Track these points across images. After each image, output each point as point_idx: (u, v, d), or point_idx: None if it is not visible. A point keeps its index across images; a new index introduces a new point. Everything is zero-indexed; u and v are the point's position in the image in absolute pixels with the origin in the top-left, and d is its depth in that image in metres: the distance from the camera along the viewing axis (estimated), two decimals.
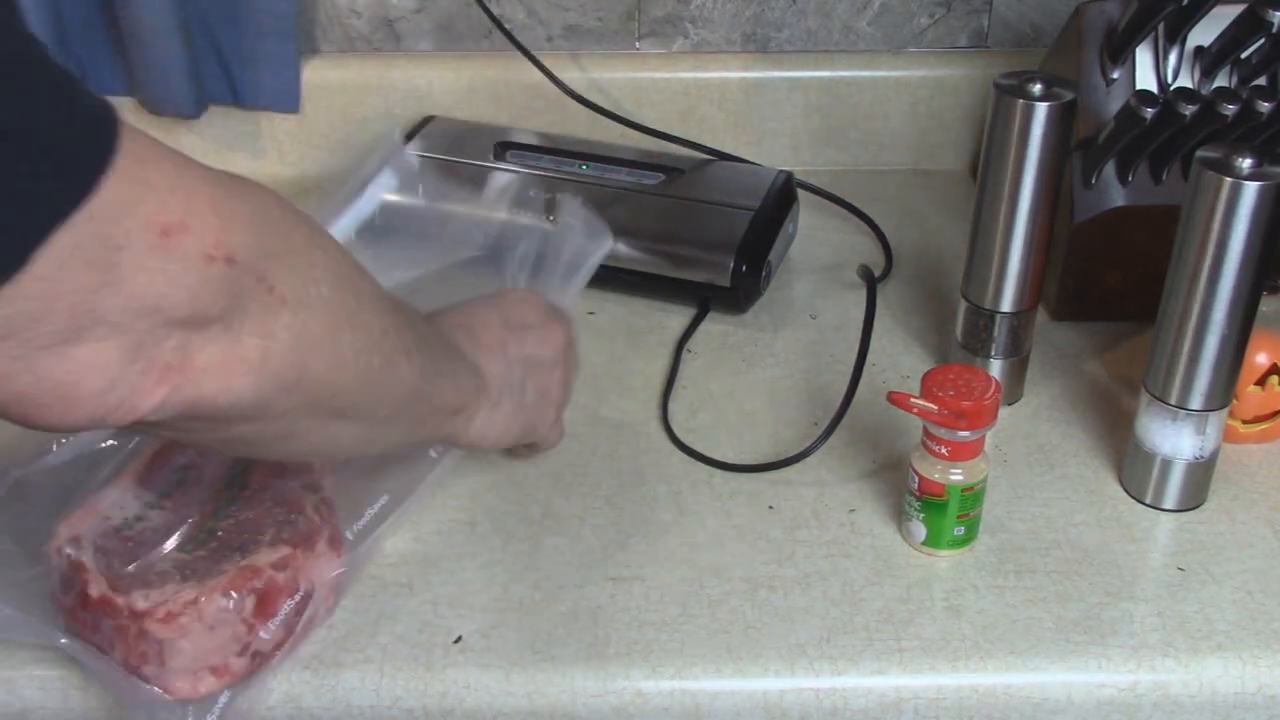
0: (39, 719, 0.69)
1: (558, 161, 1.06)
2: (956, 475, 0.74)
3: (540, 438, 0.78)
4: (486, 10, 1.08)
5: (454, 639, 0.71)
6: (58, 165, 0.43)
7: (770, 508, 0.80)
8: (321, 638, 0.70)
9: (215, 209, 0.47)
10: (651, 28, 1.17)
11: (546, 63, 1.09)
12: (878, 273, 1.01)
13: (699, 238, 0.99)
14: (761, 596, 0.74)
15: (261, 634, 0.67)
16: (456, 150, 1.07)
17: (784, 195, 1.03)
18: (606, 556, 0.76)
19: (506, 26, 1.09)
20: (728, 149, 1.17)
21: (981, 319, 0.87)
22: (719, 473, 0.82)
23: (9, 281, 0.42)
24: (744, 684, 0.69)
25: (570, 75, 1.11)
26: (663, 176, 1.04)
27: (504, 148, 1.07)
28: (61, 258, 0.43)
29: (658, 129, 1.14)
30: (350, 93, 1.14)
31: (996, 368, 0.88)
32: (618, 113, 1.12)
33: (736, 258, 0.97)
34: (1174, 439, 0.78)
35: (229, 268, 0.48)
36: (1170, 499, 0.80)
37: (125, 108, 1.12)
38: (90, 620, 0.66)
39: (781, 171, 1.05)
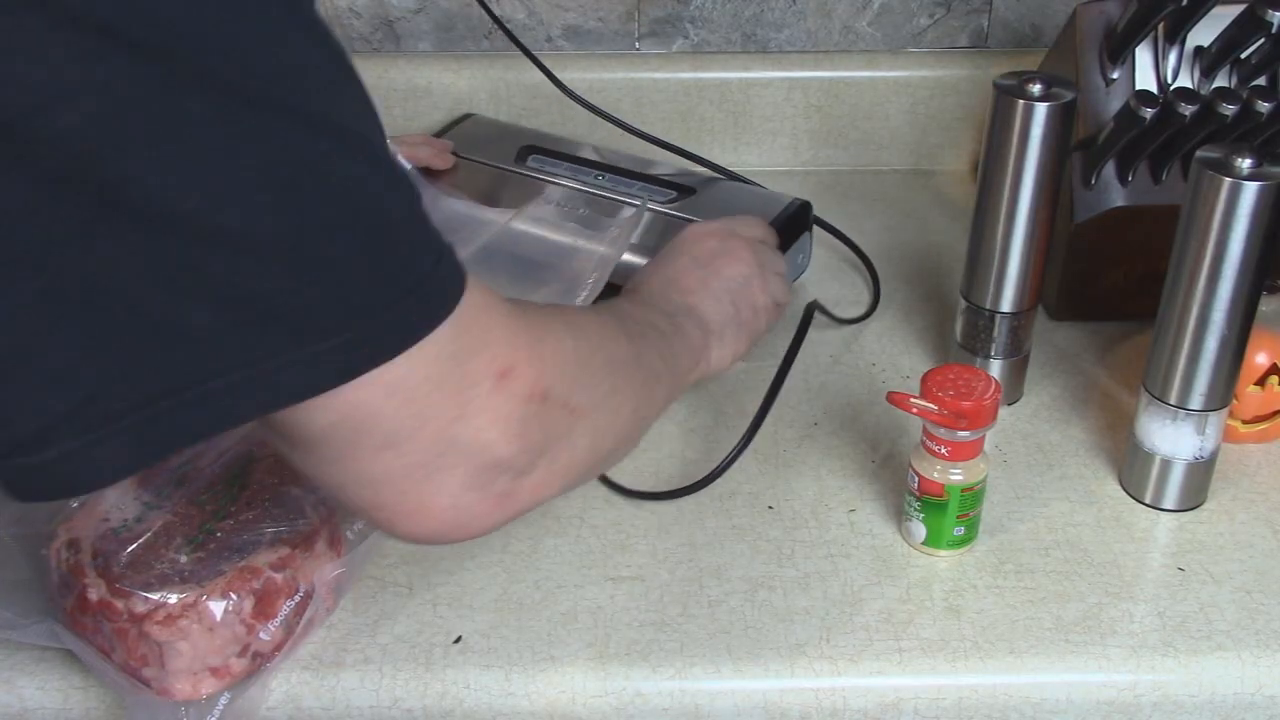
0: (39, 719, 0.69)
1: (575, 170, 1.05)
2: (956, 475, 0.74)
3: (764, 334, 0.85)
4: (487, 10, 1.08)
5: (454, 639, 0.71)
6: (424, 300, 0.51)
7: (770, 508, 0.80)
8: (321, 638, 0.70)
9: (531, 356, 0.56)
10: (651, 28, 1.17)
11: (546, 63, 1.08)
12: (864, 310, 1.00)
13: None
14: (761, 596, 0.74)
15: (261, 635, 0.67)
16: (479, 151, 1.07)
17: (794, 223, 1.01)
18: (606, 556, 0.76)
19: (506, 26, 1.09)
20: (727, 150, 1.17)
21: (981, 319, 0.87)
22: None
23: (397, 393, 0.51)
24: (744, 684, 0.69)
25: (570, 75, 1.11)
26: (674, 194, 1.03)
27: (527, 151, 1.07)
28: (432, 381, 0.52)
29: (657, 130, 1.14)
30: None
31: (996, 368, 0.88)
32: (617, 114, 1.12)
33: None
34: (1174, 439, 0.78)
35: (544, 405, 0.57)
36: (1170, 499, 0.80)
37: None
38: (90, 623, 0.66)
39: (796, 199, 1.02)
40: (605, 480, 0.82)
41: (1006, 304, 0.85)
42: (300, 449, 0.54)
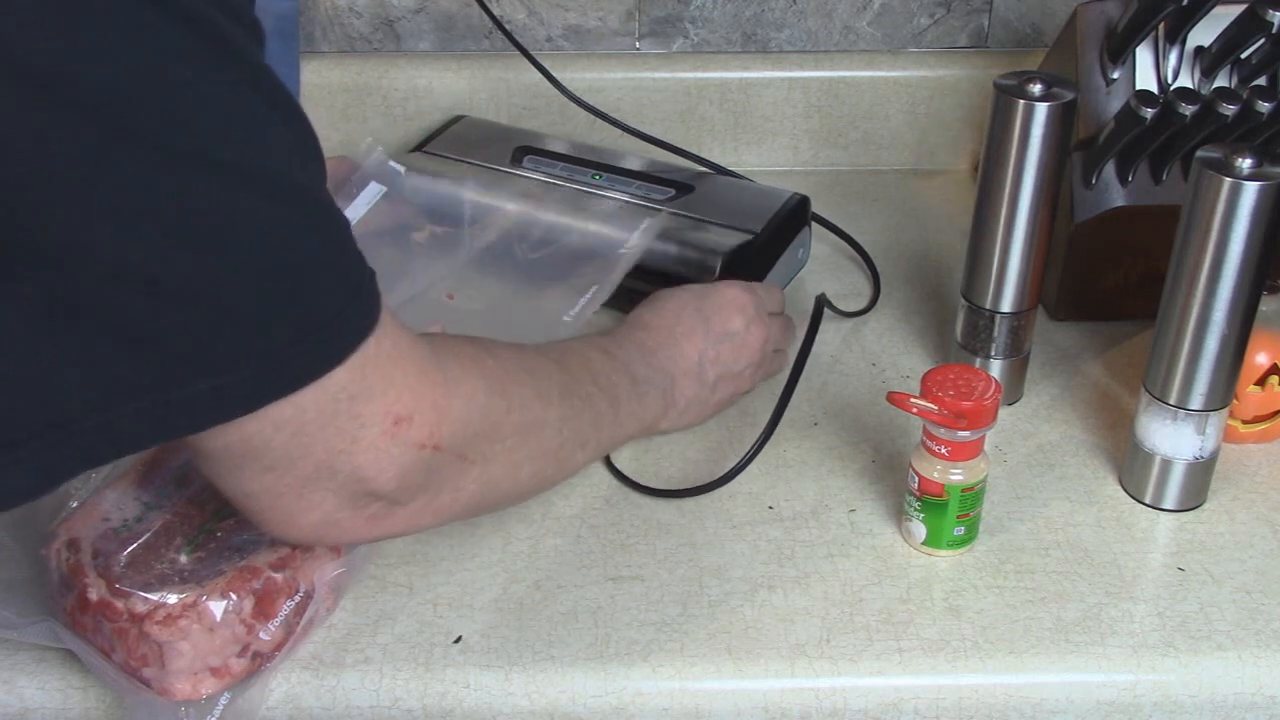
0: (39, 719, 0.69)
1: (571, 170, 1.05)
2: (956, 475, 0.74)
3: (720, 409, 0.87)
4: (487, 10, 1.08)
5: (454, 639, 0.71)
6: (324, 342, 0.54)
7: (770, 508, 0.80)
8: (321, 638, 0.70)
9: (435, 406, 0.58)
10: (651, 28, 1.17)
11: (546, 63, 1.09)
12: (865, 303, 1.00)
13: (693, 258, 0.96)
14: (761, 596, 0.74)
15: (261, 634, 0.67)
16: (473, 153, 1.07)
17: (793, 219, 1.01)
18: (606, 556, 0.76)
19: (506, 26, 1.09)
20: (728, 150, 1.17)
21: (981, 319, 0.87)
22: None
23: (288, 426, 0.54)
24: (744, 684, 0.69)
25: (570, 75, 1.11)
26: (672, 192, 1.02)
27: (523, 152, 1.07)
28: (325, 417, 0.54)
29: (657, 130, 1.14)
30: (350, 93, 1.14)
31: (996, 368, 0.88)
32: (616, 114, 1.12)
33: (724, 279, 0.93)
34: (1174, 439, 0.78)
35: (435, 454, 0.59)
36: (1170, 499, 0.80)
37: None
38: (90, 623, 0.66)
39: (795, 194, 1.02)
40: (619, 475, 0.82)
41: (1006, 304, 0.85)
42: (195, 456, 0.57)
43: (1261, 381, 0.84)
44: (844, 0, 1.16)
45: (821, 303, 0.90)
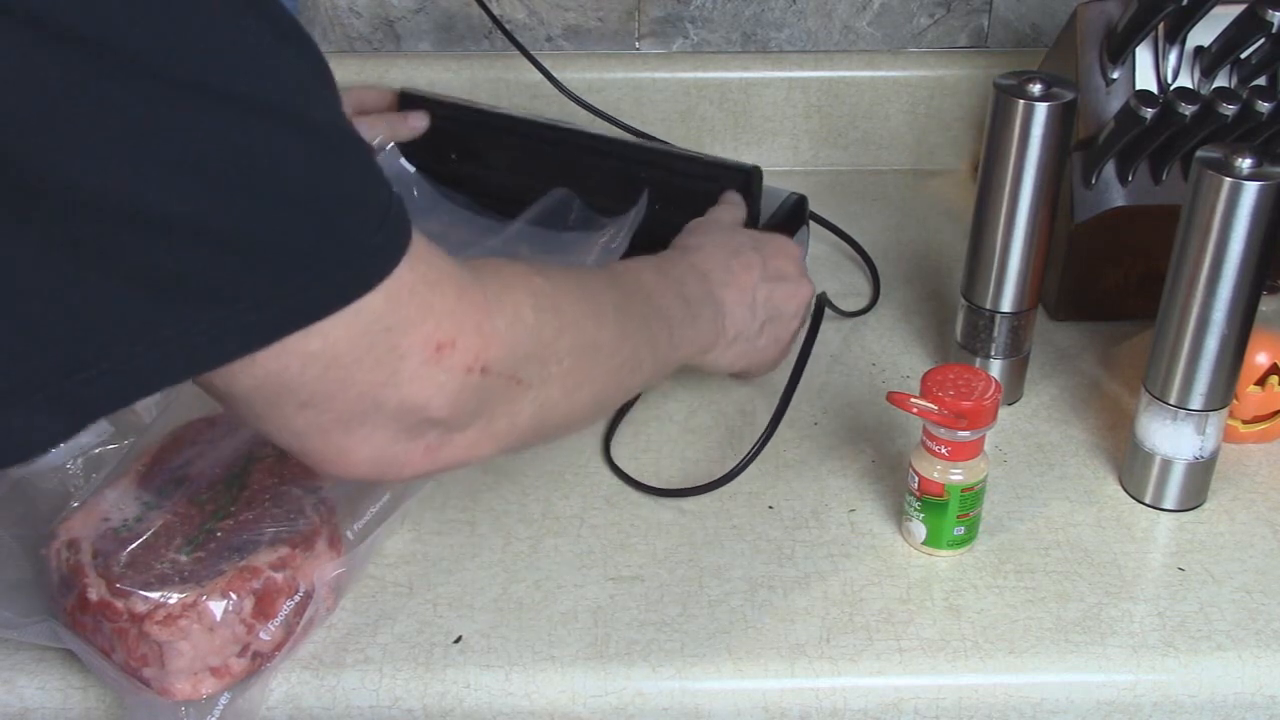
0: (39, 719, 0.69)
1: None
2: (956, 475, 0.74)
3: (757, 375, 0.86)
4: (487, 10, 1.08)
5: (454, 639, 0.71)
6: (352, 269, 0.51)
7: (770, 508, 0.80)
8: (321, 638, 0.70)
9: (478, 329, 0.56)
10: (651, 28, 1.17)
11: (546, 63, 1.09)
12: (865, 303, 1.00)
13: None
14: (761, 596, 0.74)
15: (261, 634, 0.67)
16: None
17: (791, 218, 1.00)
18: (606, 556, 0.76)
19: (506, 26, 1.09)
20: (727, 150, 1.17)
21: (981, 319, 0.87)
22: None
23: (318, 360, 0.52)
24: (744, 684, 0.69)
25: (570, 75, 1.11)
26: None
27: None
28: (359, 350, 0.52)
29: (658, 130, 1.14)
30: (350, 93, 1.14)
31: (996, 368, 0.88)
32: (616, 114, 1.12)
33: None
34: (1174, 439, 0.78)
35: (484, 377, 0.57)
36: (1170, 499, 0.80)
37: None
38: (90, 623, 0.66)
39: (793, 193, 1.02)
40: (619, 474, 0.82)
41: (1006, 304, 0.85)
42: (227, 403, 0.55)
43: (1261, 381, 0.84)
44: (844, 0, 1.16)
45: (822, 302, 0.90)
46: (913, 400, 0.73)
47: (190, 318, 0.49)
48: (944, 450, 0.74)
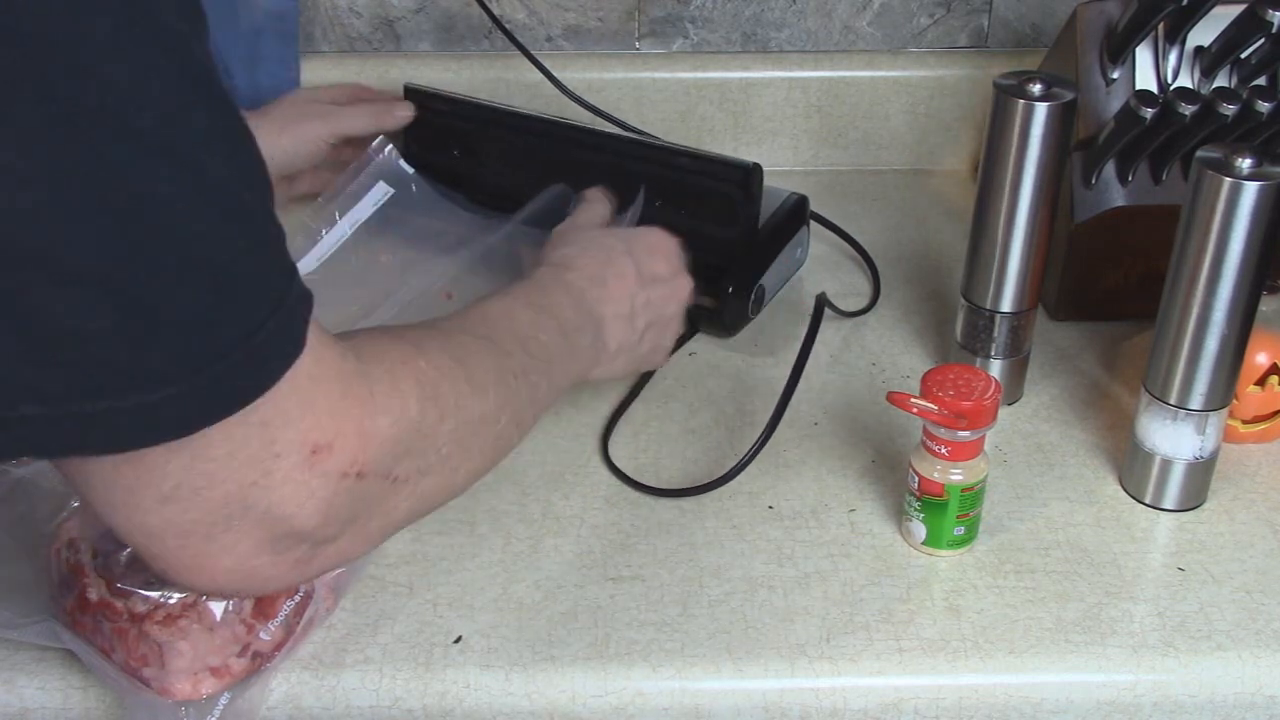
0: (39, 719, 0.69)
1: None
2: (956, 475, 0.74)
3: (643, 369, 0.84)
4: (487, 10, 1.08)
5: (454, 639, 0.71)
6: (252, 357, 0.48)
7: (770, 508, 0.80)
8: (321, 638, 0.70)
9: (359, 430, 0.52)
10: (651, 28, 1.17)
11: (546, 63, 1.09)
12: (865, 303, 1.00)
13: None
14: (761, 596, 0.74)
15: (261, 634, 0.67)
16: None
17: (791, 218, 1.01)
18: (606, 556, 0.76)
19: (506, 26, 1.09)
20: (727, 149, 1.17)
21: (981, 319, 0.87)
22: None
23: (185, 450, 0.47)
24: (744, 684, 0.69)
25: (570, 75, 1.11)
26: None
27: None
28: (233, 444, 0.48)
29: (658, 130, 1.14)
30: None
31: (996, 368, 0.88)
32: (617, 114, 1.12)
33: (723, 280, 0.94)
34: (1174, 439, 0.78)
35: (359, 481, 0.53)
36: (1170, 499, 0.80)
37: None
38: (90, 622, 0.66)
39: (793, 194, 1.02)
40: (619, 474, 0.82)
41: (1006, 304, 0.85)
42: (77, 485, 0.50)
43: (1261, 381, 0.84)
44: (844, 0, 1.16)
45: (822, 302, 0.90)
46: (913, 400, 0.73)
47: (80, 392, 0.45)
48: (944, 450, 0.74)
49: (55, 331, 0.44)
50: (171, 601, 0.65)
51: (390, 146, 1.02)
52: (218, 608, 0.65)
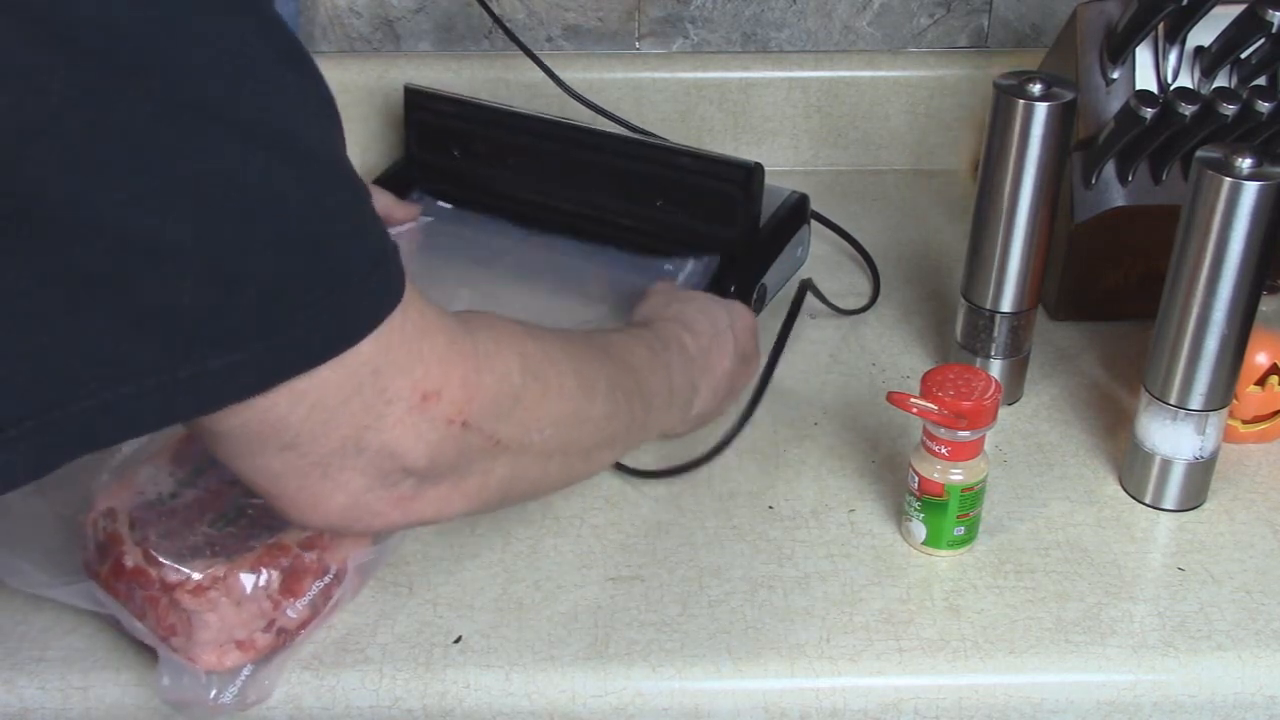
0: (39, 719, 0.69)
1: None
2: (956, 475, 0.74)
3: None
4: (487, 10, 1.08)
5: (454, 639, 0.71)
6: (345, 315, 0.51)
7: (770, 508, 0.80)
8: (321, 638, 0.70)
9: (464, 383, 0.56)
10: (651, 28, 1.17)
11: (546, 62, 1.09)
12: (865, 301, 1.00)
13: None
14: (761, 596, 0.74)
15: (288, 612, 0.68)
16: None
17: (792, 217, 1.01)
18: (606, 556, 0.76)
19: (507, 26, 1.09)
20: (727, 149, 1.17)
21: (981, 319, 0.87)
22: (711, 470, 0.83)
23: (305, 401, 0.51)
24: (744, 684, 0.69)
25: (570, 75, 1.11)
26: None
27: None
28: (346, 391, 0.52)
29: (658, 130, 1.14)
30: (350, 93, 1.14)
31: (996, 368, 0.88)
32: (616, 114, 1.12)
33: (725, 279, 0.94)
34: (1174, 439, 0.78)
35: (464, 430, 0.56)
36: (1170, 499, 0.80)
37: None
38: (124, 589, 0.68)
39: (794, 192, 1.02)
40: (620, 467, 0.82)
41: (1006, 304, 0.86)
42: (205, 438, 0.53)
43: (1261, 381, 0.84)
44: (844, 0, 1.16)
45: (805, 287, 0.90)
46: (913, 400, 0.73)
47: (182, 358, 0.47)
48: (944, 450, 0.74)
49: (155, 307, 0.46)
50: (202, 574, 0.66)
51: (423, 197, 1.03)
52: (248, 582, 0.67)
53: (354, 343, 0.51)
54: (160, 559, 0.66)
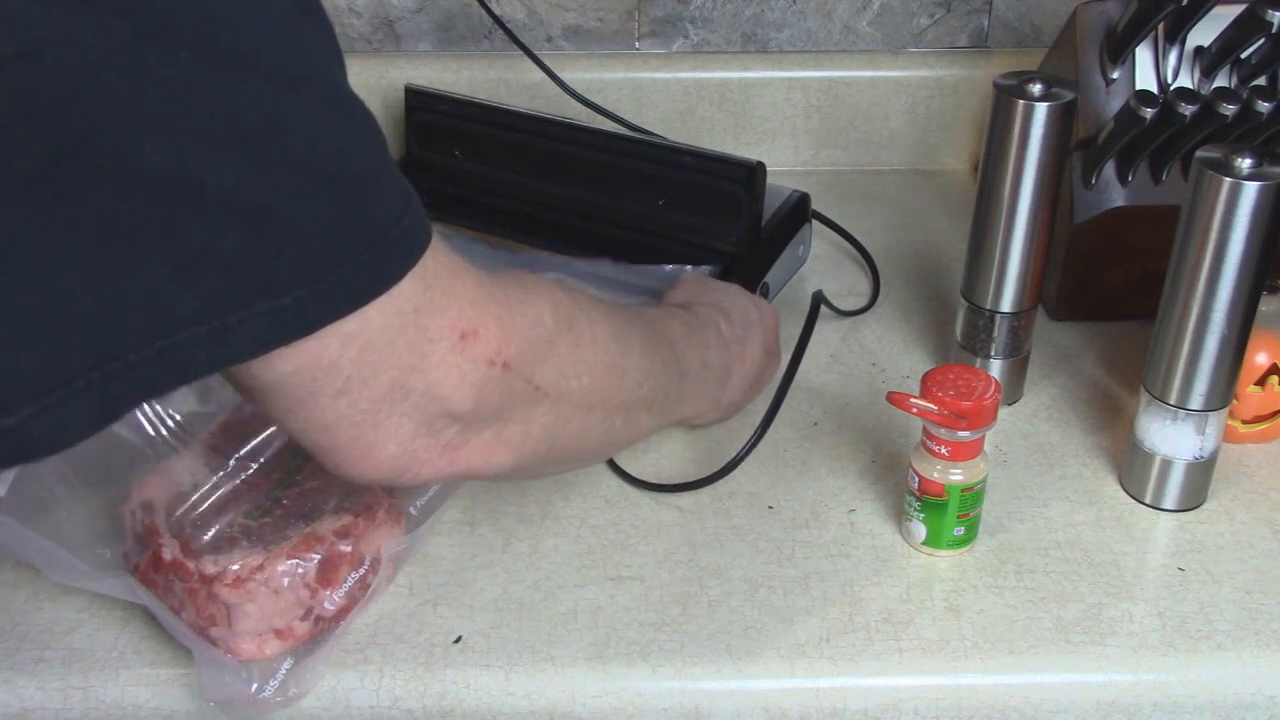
0: (39, 719, 0.69)
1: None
2: (956, 475, 0.74)
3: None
4: (487, 10, 1.08)
5: (454, 639, 0.71)
6: (386, 253, 0.51)
7: (770, 508, 0.80)
8: (321, 638, 0.70)
9: (499, 323, 0.57)
10: (651, 28, 1.17)
11: (546, 62, 1.09)
12: (865, 302, 1.00)
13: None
14: (761, 596, 0.74)
15: (325, 601, 0.69)
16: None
17: (794, 216, 1.01)
18: (606, 556, 0.76)
19: (507, 26, 1.09)
20: (727, 149, 1.17)
21: (981, 319, 0.87)
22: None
23: (355, 343, 0.52)
24: (744, 684, 0.69)
25: (570, 75, 1.11)
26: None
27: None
28: (392, 331, 0.52)
29: (658, 130, 1.14)
30: None
31: (996, 368, 0.88)
32: (617, 113, 1.12)
33: (727, 278, 0.93)
34: (1174, 439, 0.78)
35: (505, 372, 0.57)
36: (1170, 499, 0.80)
37: None
38: (162, 582, 0.68)
39: (795, 191, 1.03)
40: (618, 471, 0.82)
41: (1006, 304, 0.86)
42: (256, 395, 0.54)
43: (1261, 381, 0.84)
44: (844, 0, 1.16)
45: (818, 300, 0.90)
46: (912, 400, 0.73)
47: (233, 302, 0.48)
48: (944, 450, 0.74)
49: (201, 253, 0.47)
50: (240, 565, 0.67)
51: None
52: (285, 572, 0.68)
53: (395, 281, 0.52)
54: (199, 551, 0.67)
